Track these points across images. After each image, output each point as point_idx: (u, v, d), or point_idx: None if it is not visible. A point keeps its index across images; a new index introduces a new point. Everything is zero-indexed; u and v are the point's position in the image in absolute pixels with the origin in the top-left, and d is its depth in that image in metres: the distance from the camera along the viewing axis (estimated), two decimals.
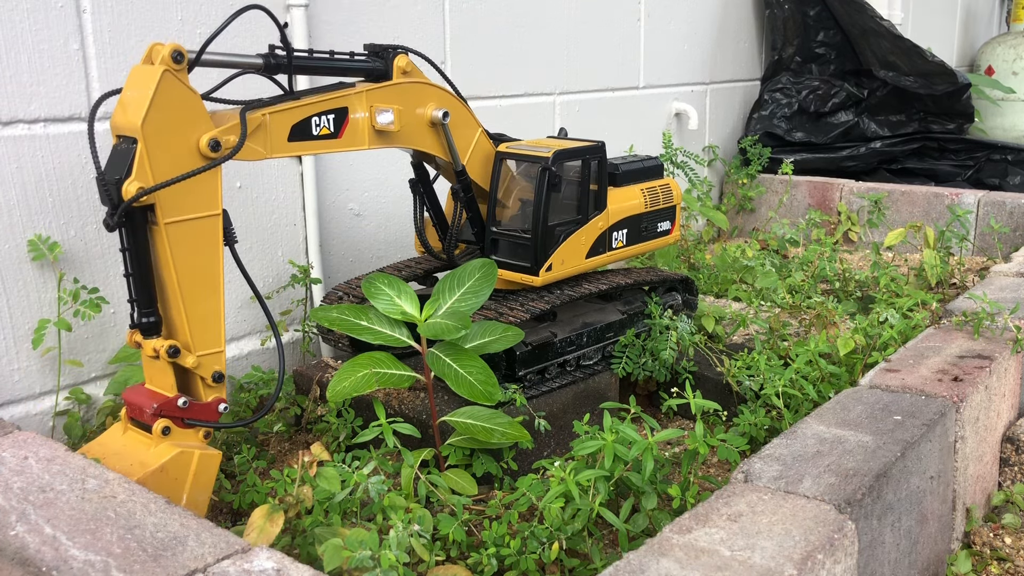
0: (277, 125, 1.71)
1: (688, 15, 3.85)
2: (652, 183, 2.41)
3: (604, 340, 2.27)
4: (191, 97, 1.56)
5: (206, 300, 1.64)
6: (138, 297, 1.61)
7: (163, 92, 1.51)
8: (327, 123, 1.79)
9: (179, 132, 1.55)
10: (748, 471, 1.50)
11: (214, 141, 1.58)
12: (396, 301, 1.93)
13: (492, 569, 1.56)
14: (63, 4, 1.98)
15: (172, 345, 1.61)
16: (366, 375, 1.85)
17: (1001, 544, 1.90)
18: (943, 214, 3.67)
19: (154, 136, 1.51)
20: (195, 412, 1.67)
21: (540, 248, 2.09)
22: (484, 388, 1.86)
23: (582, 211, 2.19)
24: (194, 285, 1.62)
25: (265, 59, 1.73)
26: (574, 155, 2.14)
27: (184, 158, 1.56)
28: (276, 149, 1.72)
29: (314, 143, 1.78)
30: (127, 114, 1.52)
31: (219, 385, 1.69)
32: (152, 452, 1.62)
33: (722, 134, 4.23)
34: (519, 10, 3.04)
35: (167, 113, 1.52)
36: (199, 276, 1.62)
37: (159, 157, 1.53)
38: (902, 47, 4.24)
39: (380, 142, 1.89)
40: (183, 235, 1.59)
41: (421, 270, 2.29)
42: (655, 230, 2.42)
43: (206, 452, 1.66)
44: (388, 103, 1.87)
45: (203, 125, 1.58)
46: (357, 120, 1.84)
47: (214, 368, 1.67)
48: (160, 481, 1.59)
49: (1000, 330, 2.15)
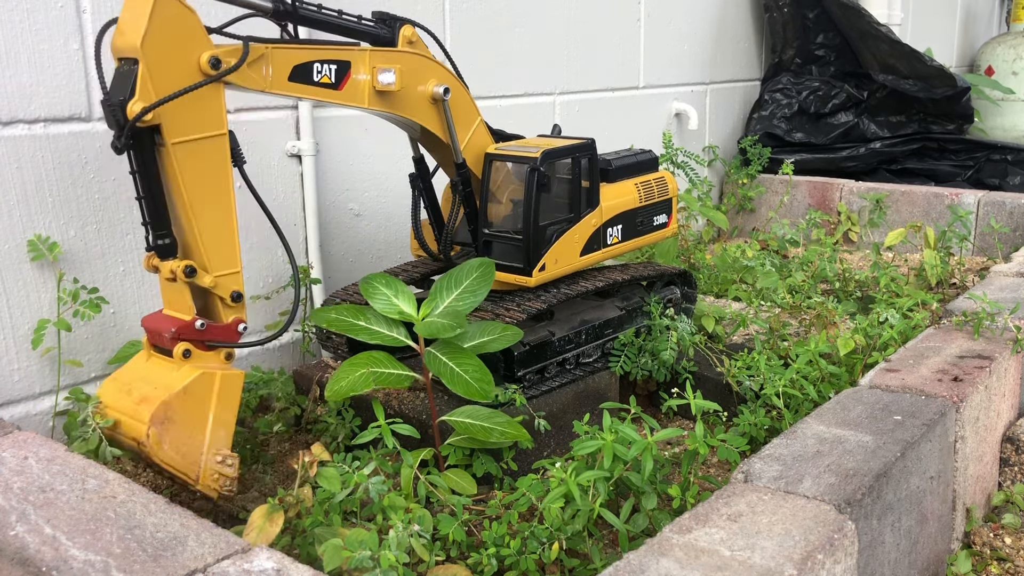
0: (279, 60, 1.72)
1: (688, 15, 3.85)
2: (646, 177, 2.41)
3: (603, 337, 2.27)
4: (188, 15, 1.56)
5: (218, 220, 1.67)
6: (151, 219, 1.63)
7: (160, 11, 1.52)
8: (329, 72, 1.80)
9: (179, 50, 1.56)
10: (748, 471, 1.50)
11: (214, 59, 1.59)
12: (394, 301, 1.93)
13: (492, 569, 1.56)
14: (63, 4, 1.98)
15: (188, 265, 1.63)
16: (364, 374, 1.85)
17: (1001, 544, 1.90)
18: (943, 214, 3.67)
19: (154, 55, 1.52)
20: (214, 333, 1.69)
21: (532, 248, 2.09)
22: (480, 385, 1.85)
23: (574, 209, 2.18)
24: (205, 205, 1.64)
25: (275, 3, 1.75)
26: (563, 154, 2.13)
27: (186, 77, 1.57)
28: (275, 85, 1.73)
29: (314, 88, 1.79)
30: (126, 36, 1.53)
31: (238, 305, 1.72)
32: (175, 375, 1.64)
33: (722, 134, 4.23)
34: (519, 10, 3.04)
35: (166, 32, 1.53)
36: (209, 196, 1.64)
37: (161, 76, 1.53)
38: (901, 51, 4.24)
39: (380, 103, 1.90)
40: (190, 155, 1.60)
41: (418, 274, 2.28)
42: (651, 224, 2.42)
43: (228, 372, 1.70)
44: (390, 65, 1.89)
45: (203, 42, 1.59)
46: (359, 80, 1.85)
47: (232, 288, 1.70)
48: (184, 403, 1.62)
49: (1000, 330, 2.15)
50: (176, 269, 1.64)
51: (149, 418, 1.60)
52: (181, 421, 1.64)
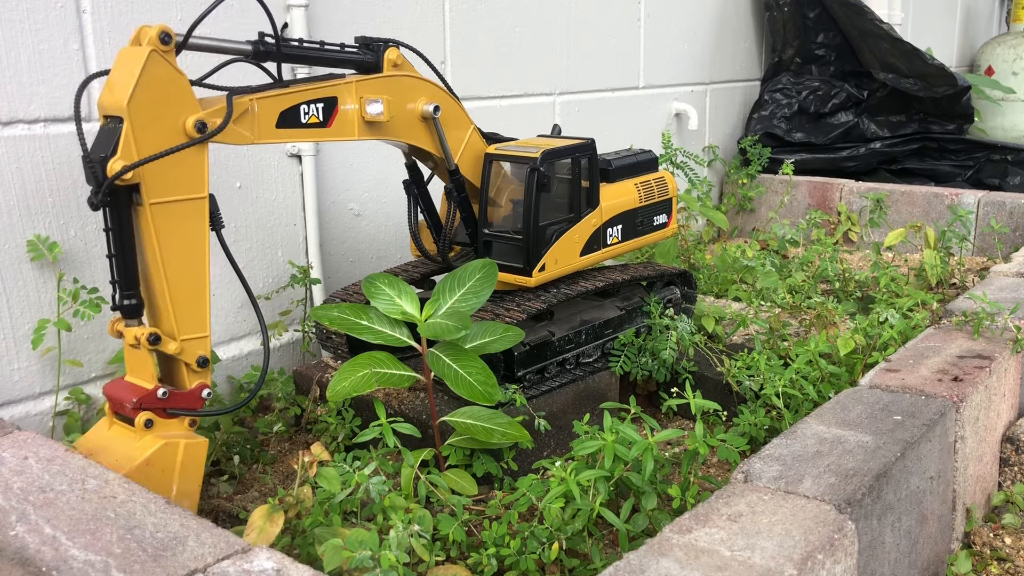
0: (265, 110, 1.71)
1: (688, 15, 3.85)
2: (646, 177, 2.41)
3: (603, 337, 2.27)
4: (178, 78, 1.55)
5: (191, 283, 1.62)
6: (120, 278, 1.59)
7: (149, 72, 1.51)
8: (316, 111, 1.78)
9: (165, 113, 1.54)
10: (748, 471, 1.50)
11: (200, 123, 1.57)
12: (397, 301, 1.93)
13: (492, 569, 1.56)
14: (63, 4, 1.98)
15: (152, 333, 1.59)
16: (366, 375, 1.85)
17: (1001, 544, 1.90)
18: (943, 214, 3.67)
19: (140, 115, 1.51)
20: (177, 401, 1.63)
21: (532, 248, 2.09)
22: (483, 388, 1.86)
23: (574, 209, 2.18)
24: (179, 267, 1.60)
25: (254, 46, 1.73)
26: (563, 154, 2.13)
27: (170, 139, 1.55)
28: (263, 135, 1.72)
29: (303, 131, 1.77)
30: (114, 94, 1.52)
31: (204, 370, 1.66)
32: (137, 446, 1.59)
33: (722, 134, 4.23)
34: (519, 10, 3.04)
35: (153, 93, 1.52)
36: (184, 258, 1.60)
37: (145, 137, 1.52)
38: (902, 49, 4.24)
39: (370, 133, 1.89)
40: (168, 216, 1.57)
41: (418, 274, 2.28)
42: (651, 224, 2.42)
43: (192, 441, 1.63)
44: (378, 94, 1.87)
45: (190, 107, 1.57)
46: (347, 111, 1.83)
47: (198, 353, 1.64)
48: (147, 474, 1.56)
49: (1000, 330, 2.15)
50: (140, 336, 1.58)
51: None
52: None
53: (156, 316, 1.63)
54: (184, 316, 1.62)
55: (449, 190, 2.12)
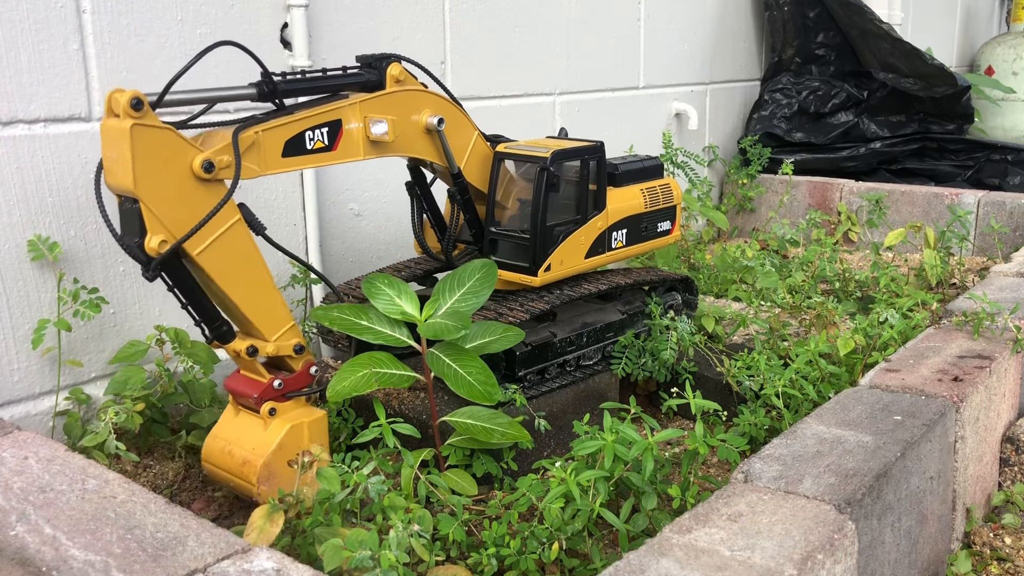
0: (270, 142, 1.71)
1: (688, 15, 3.85)
2: (652, 183, 2.40)
3: (604, 340, 2.27)
4: (165, 136, 1.56)
5: (259, 292, 1.73)
6: (202, 318, 1.71)
7: (139, 147, 1.52)
8: (321, 136, 1.79)
9: (170, 173, 1.57)
10: (748, 471, 1.50)
11: (207, 163, 1.60)
12: (396, 301, 1.93)
13: (492, 569, 1.56)
14: (63, 4, 1.98)
15: (250, 346, 1.73)
16: (366, 375, 1.85)
17: (1001, 544, 1.90)
18: (943, 214, 3.67)
19: (150, 190, 1.54)
20: (291, 385, 1.79)
21: (539, 248, 2.09)
22: (483, 388, 1.86)
23: (581, 211, 2.19)
24: (243, 288, 1.69)
25: (258, 88, 1.73)
26: (573, 155, 2.14)
27: (185, 193, 1.59)
28: (270, 166, 1.72)
29: (309, 157, 1.78)
30: (117, 176, 1.55)
31: (302, 355, 1.81)
32: (267, 433, 1.76)
33: (722, 134, 4.23)
34: (519, 10, 3.04)
35: (151, 163, 1.54)
36: (244, 275, 1.69)
37: (163, 205, 1.56)
38: (902, 49, 4.24)
39: (376, 152, 1.89)
40: (215, 254, 1.64)
41: (420, 271, 2.28)
42: (655, 230, 2.42)
43: (313, 417, 1.80)
44: (382, 113, 1.87)
45: (188, 152, 1.59)
46: (352, 131, 1.83)
47: (292, 343, 1.78)
48: (282, 457, 1.75)
49: (1000, 330, 2.15)
50: (240, 350, 1.74)
51: (256, 480, 1.74)
52: (283, 472, 1.76)
53: (245, 328, 1.75)
54: (265, 320, 1.74)
55: (452, 193, 2.12)
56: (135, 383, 1.99)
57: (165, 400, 2.05)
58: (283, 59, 2.38)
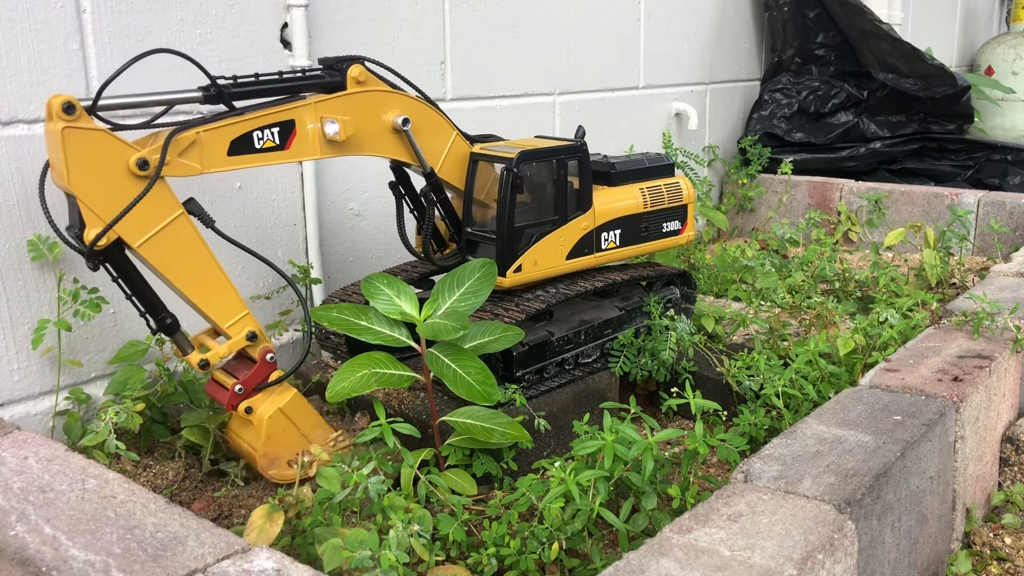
0: (213, 141, 1.74)
1: (688, 15, 3.85)
2: (656, 182, 2.37)
3: (602, 337, 2.27)
4: (99, 137, 1.62)
5: (208, 282, 1.77)
6: (147, 309, 1.77)
7: (70, 147, 1.59)
8: (271, 136, 1.81)
9: (104, 169, 1.63)
10: (748, 471, 1.50)
11: (141, 160, 1.65)
12: (395, 301, 1.93)
13: (492, 569, 1.56)
14: (63, 4, 1.98)
15: (202, 360, 1.80)
16: (365, 375, 1.85)
17: (1001, 544, 1.90)
18: (943, 214, 3.67)
19: (84, 187, 1.62)
20: (251, 382, 1.84)
21: (507, 249, 2.08)
22: (482, 388, 1.85)
23: (559, 211, 2.16)
24: (190, 276, 1.74)
25: (205, 91, 1.76)
26: (543, 155, 2.10)
27: (121, 188, 1.65)
28: (213, 164, 1.75)
29: (258, 156, 1.81)
30: (58, 175, 1.64)
31: (257, 342, 1.85)
32: (255, 430, 1.87)
33: (722, 134, 4.23)
34: (519, 10, 3.04)
35: (84, 162, 1.61)
36: (190, 267, 1.75)
37: (98, 200, 1.64)
38: (901, 49, 4.24)
39: (333, 151, 1.90)
40: (159, 246, 1.70)
41: (417, 274, 2.28)
42: (660, 230, 2.38)
43: (286, 400, 1.88)
44: (339, 114, 1.87)
45: (123, 151, 1.65)
46: (308, 131, 1.85)
47: (245, 331, 1.83)
48: (277, 443, 1.88)
49: (1000, 330, 2.15)
50: (193, 364, 1.81)
51: (263, 470, 1.88)
52: (285, 452, 1.89)
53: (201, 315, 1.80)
54: (217, 309, 1.79)
55: (425, 192, 2.11)
56: (135, 383, 1.99)
57: (165, 400, 2.05)
58: (283, 59, 2.37)
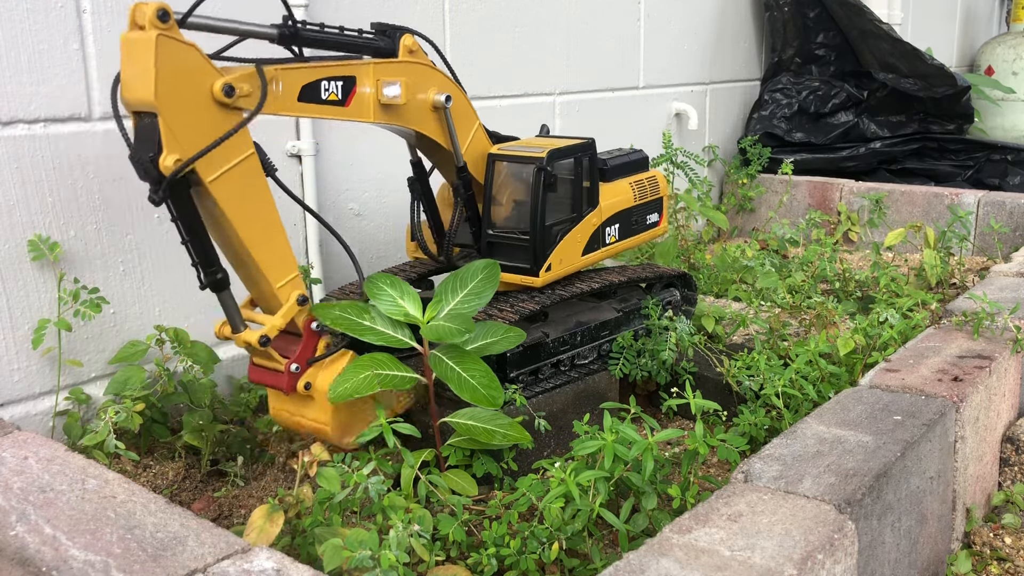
0: (288, 82, 1.72)
1: (688, 15, 3.85)
2: (639, 176, 2.41)
3: (599, 339, 2.27)
4: (190, 51, 1.54)
5: (268, 233, 1.71)
6: (200, 258, 1.66)
7: (163, 58, 1.50)
8: (336, 89, 1.80)
9: (191, 90, 1.55)
10: (748, 471, 1.50)
11: (227, 86, 1.58)
12: (399, 302, 1.91)
13: (492, 569, 1.56)
14: (63, 4, 1.98)
15: (262, 336, 1.73)
16: (368, 376, 1.84)
17: (1001, 544, 1.90)
18: (943, 214, 3.67)
19: (170, 105, 1.52)
20: (306, 353, 1.81)
21: (539, 248, 2.09)
22: (487, 392, 1.84)
23: (576, 209, 2.18)
24: (252, 223, 1.68)
25: (279, 30, 1.74)
26: (567, 154, 2.13)
27: (204, 114, 1.57)
28: (285, 106, 1.73)
29: (322, 107, 1.80)
30: (135, 90, 1.52)
31: (305, 306, 1.80)
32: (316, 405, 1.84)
33: (722, 134, 4.23)
34: (519, 10, 3.04)
35: (174, 78, 1.52)
36: (254, 213, 1.68)
37: (181, 122, 1.54)
38: (901, 49, 4.24)
39: (385, 116, 1.91)
40: (228, 185, 1.62)
41: (415, 274, 2.27)
42: (644, 223, 2.42)
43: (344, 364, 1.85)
44: (395, 77, 1.89)
45: (210, 73, 1.58)
46: (364, 93, 1.86)
47: (295, 294, 1.77)
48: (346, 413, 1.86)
49: (1000, 330, 2.15)
50: (251, 341, 1.73)
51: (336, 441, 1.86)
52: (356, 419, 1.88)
53: (249, 280, 1.74)
54: (272, 263, 1.72)
55: (456, 187, 2.11)
56: (135, 383, 1.99)
57: (165, 400, 2.05)
58: None
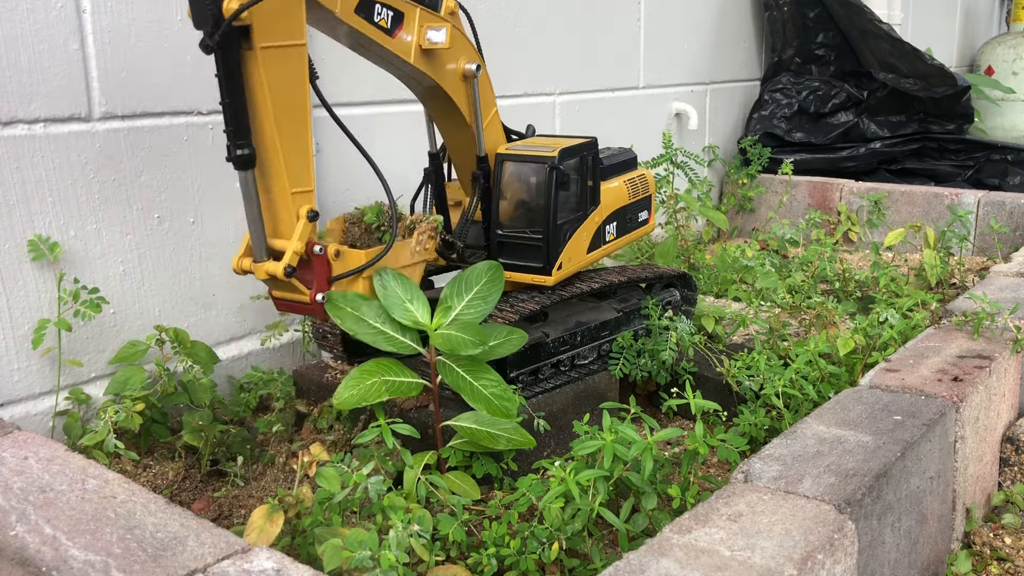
0: None
1: (688, 15, 3.85)
2: (631, 174, 2.43)
3: (599, 339, 2.27)
4: None
5: (297, 131, 1.70)
6: (234, 126, 1.64)
7: None
8: (387, 16, 1.84)
9: None
10: (748, 471, 1.50)
11: None
12: (408, 307, 1.88)
13: (492, 569, 1.56)
14: (63, 4, 1.97)
15: (287, 266, 1.71)
16: (375, 383, 1.81)
17: (1001, 544, 1.90)
18: (943, 214, 3.67)
19: None
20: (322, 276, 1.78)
21: (552, 247, 2.09)
22: (501, 403, 1.83)
23: (581, 207, 2.19)
24: (286, 114, 1.67)
25: None
26: (575, 153, 2.15)
27: None
28: (345, 12, 1.75)
29: (371, 28, 1.82)
30: None
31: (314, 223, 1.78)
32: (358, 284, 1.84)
33: (722, 134, 4.23)
34: (519, 10, 3.04)
35: None
36: (290, 105, 1.68)
37: None
38: (901, 49, 4.24)
39: (423, 62, 1.93)
40: (276, 61, 1.63)
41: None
42: (637, 220, 2.45)
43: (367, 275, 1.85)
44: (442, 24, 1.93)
45: None
46: (407, 41, 1.90)
47: (305, 208, 1.75)
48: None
49: (1000, 330, 2.15)
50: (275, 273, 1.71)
51: None
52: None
53: (266, 173, 1.71)
54: (293, 165, 1.71)
55: (476, 176, 2.11)
56: (135, 383, 1.99)
57: (165, 400, 2.05)
58: None
